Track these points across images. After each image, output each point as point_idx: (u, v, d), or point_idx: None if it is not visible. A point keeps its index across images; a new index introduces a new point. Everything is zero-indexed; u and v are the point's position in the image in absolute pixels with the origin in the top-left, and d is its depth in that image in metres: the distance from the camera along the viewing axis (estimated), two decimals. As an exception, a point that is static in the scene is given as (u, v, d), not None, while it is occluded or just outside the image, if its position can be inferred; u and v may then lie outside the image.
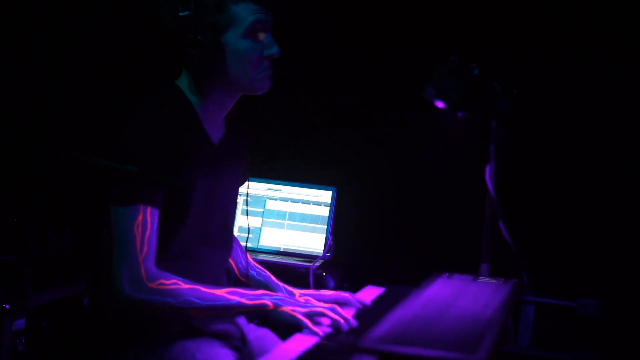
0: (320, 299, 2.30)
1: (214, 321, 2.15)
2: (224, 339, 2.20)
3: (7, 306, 3.03)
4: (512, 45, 3.30)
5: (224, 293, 2.01)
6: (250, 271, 2.45)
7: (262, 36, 2.11)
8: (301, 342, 1.87)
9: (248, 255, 2.52)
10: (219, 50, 2.06)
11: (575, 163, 3.28)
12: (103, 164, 1.47)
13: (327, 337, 1.89)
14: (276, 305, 1.99)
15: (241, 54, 2.09)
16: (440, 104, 2.19)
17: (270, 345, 2.30)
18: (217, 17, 2.06)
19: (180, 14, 2.04)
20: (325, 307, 1.99)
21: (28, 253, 3.08)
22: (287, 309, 1.97)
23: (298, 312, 1.96)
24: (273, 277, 2.45)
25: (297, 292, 2.40)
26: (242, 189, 3.34)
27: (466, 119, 2.22)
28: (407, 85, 3.31)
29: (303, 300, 2.07)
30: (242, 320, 2.33)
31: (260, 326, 2.38)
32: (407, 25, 3.49)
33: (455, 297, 1.85)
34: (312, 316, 1.97)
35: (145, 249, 1.97)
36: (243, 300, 2.00)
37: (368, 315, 2.10)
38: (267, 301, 2.00)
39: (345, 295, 2.32)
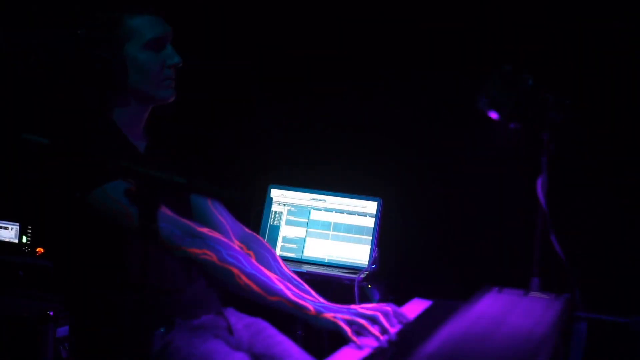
0: None
1: (244, 295, 2.06)
2: (212, 330, 2.20)
3: (51, 312, 3.04)
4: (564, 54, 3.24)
5: (271, 275, 2.01)
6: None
7: (162, 48, 2.17)
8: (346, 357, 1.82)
9: (284, 266, 2.43)
10: (120, 63, 2.11)
11: (628, 175, 3.20)
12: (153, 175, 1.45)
13: (373, 354, 1.83)
14: (318, 312, 1.94)
15: (142, 65, 2.15)
16: (493, 115, 2.14)
17: (261, 331, 2.29)
18: (115, 32, 2.11)
19: (78, 32, 2.10)
20: (369, 316, 1.92)
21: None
22: (328, 315, 1.92)
23: (339, 319, 1.90)
24: (314, 293, 2.39)
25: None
26: (284, 199, 3.34)
27: (517, 130, 2.17)
28: (455, 95, 3.28)
29: (345, 308, 2.01)
30: (228, 311, 2.32)
31: (252, 315, 2.35)
32: (456, 35, 3.44)
33: (506, 312, 1.81)
34: (353, 325, 1.90)
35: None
36: (287, 292, 1.98)
37: (416, 330, 2.05)
38: (310, 305, 1.95)
39: (386, 308, 2.29)
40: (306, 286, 2.39)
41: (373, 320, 1.91)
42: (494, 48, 3.28)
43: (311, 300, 1.99)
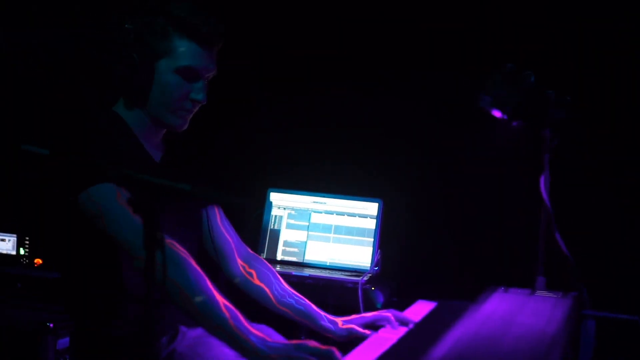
0: (361, 322, 2.30)
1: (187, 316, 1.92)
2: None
3: (51, 324, 3.01)
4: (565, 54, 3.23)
5: (221, 301, 1.83)
6: (289, 299, 2.37)
7: (194, 79, 2.11)
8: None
9: (285, 283, 2.43)
10: (147, 73, 2.06)
11: (633, 171, 3.19)
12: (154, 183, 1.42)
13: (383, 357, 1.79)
14: (260, 351, 1.77)
15: (165, 86, 2.09)
16: (496, 113, 2.12)
17: None
18: (158, 42, 2.06)
19: (126, 26, 2.04)
20: (323, 353, 1.75)
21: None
22: (274, 356, 1.76)
23: None
24: (314, 306, 2.36)
25: (339, 320, 2.33)
26: (284, 202, 3.32)
27: (519, 128, 2.15)
28: (456, 94, 3.26)
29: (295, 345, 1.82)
30: None
31: (256, 322, 2.30)
32: (456, 35, 3.43)
33: (514, 312, 1.79)
34: None
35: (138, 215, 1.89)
36: (231, 322, 1.81)
37: (423, 332, 2.04)
38: (253, 342, 1.79)
39: (386, 314, 2.27)
40: (306, 301, 2.38)
41: (328, 357, 1.75)
42: (494, 48, 3.26)
43: (257, 337, 1.81)
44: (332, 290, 3.01)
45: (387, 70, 3.59)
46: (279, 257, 3.24)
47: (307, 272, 3.11)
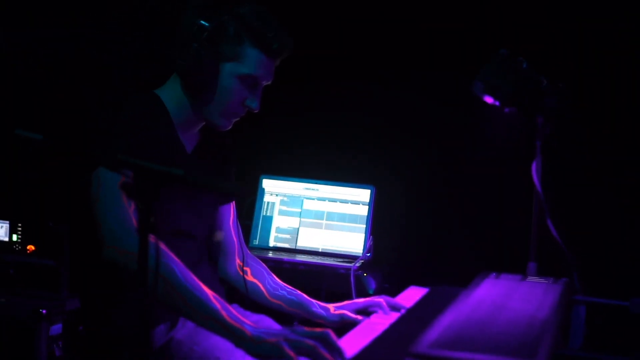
0: (354, 308, 2.31)
1: (172, 310, 1.87)
2: None
3: (44, 311, 3.01)
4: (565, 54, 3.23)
5: (209, 293, 1.80)
6: (281, 291, 2.39)
7: (253, 87, 2.11)
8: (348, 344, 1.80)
9: (277, 279, 2.45)
10: (212, 74, 2.06)
11: (625, 158, 3.19)
12: (149, 168, 1.41)
13: (375, 342, 1.80)
14: (257, 337, 1.73)
15: (225, 90, 2.08)
16: (489, 99, 2.12)
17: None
18: (228, 45, 2.05)
19: (200, 22, 2.03)
20: (318, 335, 1.70)
21: (65, 257, 3.06)
22: (270, 340, 1.71)
23: (283, 343, 1.69)
24: (305, 295, 2.37)
25: (331, 306, 2.34)
26: (277, 189, 3.32)
27: (512, 114, 2.15)
28: (449, 79, 3.26)
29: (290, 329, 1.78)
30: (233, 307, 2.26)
31: (256, 312, 2.32)
32: (456, 35, 3.43)
33: (506, 297, 1.79)
34: (299, 348, 1.69)
35: (132, 205, 1.85)
36: (223, 312, 1.77)
37: (415, 317, 2.04)
38: (247, 329, 1.74)
39: (378, 300, 2.28)
40: (298, 291, 2.39)
41: (324, 339, 1.69)
42: (494, 48, 3.27)
43: (250, 326, 1.77)
44: (325, 276, 3.02)
45: (386, 69, 3.59)
46: (272, 243, 3.25)
47: (300, 258, 3.12)
